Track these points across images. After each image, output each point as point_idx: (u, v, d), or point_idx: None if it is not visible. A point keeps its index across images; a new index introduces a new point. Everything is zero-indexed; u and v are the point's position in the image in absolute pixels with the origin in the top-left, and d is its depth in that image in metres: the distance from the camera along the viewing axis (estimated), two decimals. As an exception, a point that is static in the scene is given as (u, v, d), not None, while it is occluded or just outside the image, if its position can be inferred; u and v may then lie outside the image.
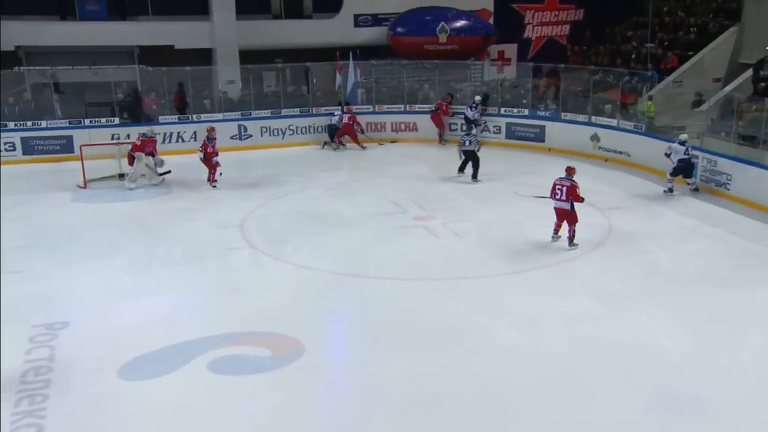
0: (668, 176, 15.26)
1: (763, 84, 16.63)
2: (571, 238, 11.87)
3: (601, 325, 9.38)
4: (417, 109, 21.48)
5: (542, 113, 20.13)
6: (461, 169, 16.70)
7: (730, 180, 14.87)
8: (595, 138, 18.55)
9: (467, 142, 16.48)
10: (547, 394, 7.71)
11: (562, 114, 19.65)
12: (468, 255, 12.04)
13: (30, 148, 18.86)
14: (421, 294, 10.39)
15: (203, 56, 22.09)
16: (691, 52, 19.91)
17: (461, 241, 12.68)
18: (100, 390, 7.85)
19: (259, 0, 23.76)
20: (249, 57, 21.62)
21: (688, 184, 15.37)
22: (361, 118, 20.90)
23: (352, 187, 16.33)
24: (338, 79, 21.37)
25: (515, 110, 20.58)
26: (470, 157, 16.55)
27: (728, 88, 17.90)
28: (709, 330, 9.15)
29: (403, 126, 21.37)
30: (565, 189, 11.69)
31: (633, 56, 21.13)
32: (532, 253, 11.86)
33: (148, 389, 7.90)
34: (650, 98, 18.15)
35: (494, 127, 20.48)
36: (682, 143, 14.96)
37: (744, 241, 12.41)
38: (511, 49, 25.95)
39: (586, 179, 16.14)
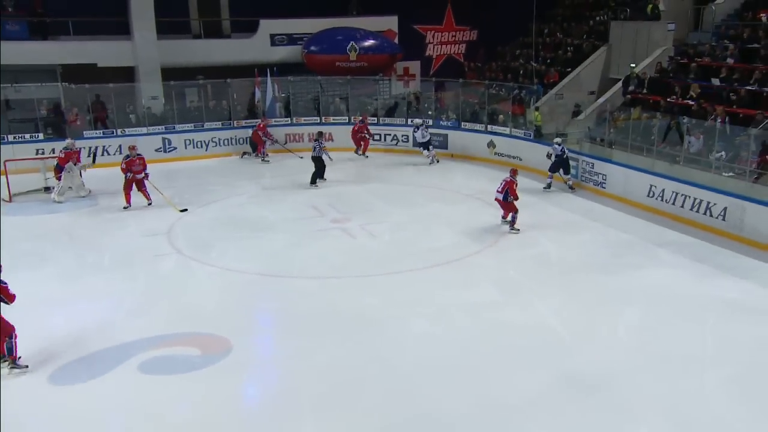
0: (549, 173, 16.09)
1: (629, 96, 17.51)
2: (512, 223, 12.73)
3: (501, 310, 9.64)
4: (332, 121, 21.45)
5: (445, 123, 20.48)
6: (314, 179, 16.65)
7: (605, 180, 15.57)
8: (491, 144, 19.02)
9: (315, 149, 16.66)
10: (456, 375, 7.86)
11: (462, 123, 20.05)
12: (382, 253, 12.12)
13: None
14: (340, 290, 10.36)
15: (126, 74, 21.28)
16: (569, 69, 20.72)
17: (376, 240, 12.74)
18: (31, 396, 7.45)
19: (179, 21, 23.11)
20: (171, 74, 20.99)
21: (566, 181, 16.07)
22: (280, 130, 20.68)
23: (274, 194, 16.12)
24: (257, 93, 21.12)
25: (429, 120, 20.83)
26: (318, 164, 16.67)
27: (601, 99, 18.72)
28: (594, 311, 9.54)
29: (319, 136, 21.26)
30: (504, 183, 12.68)
31: (521, 72, 21.80)
32: (439, 250, 12.02)
33: (78, 393, 7.56)
34: (537, 109, 18.77)
35: (402, 136, 20.68)
36: (559, 144, 15.83)
37: (619, 233, 12.99)
38: (414, 66, 26.28)
39: (484, 181, 16.68)
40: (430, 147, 19.00)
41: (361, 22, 24.34)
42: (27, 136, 18.67)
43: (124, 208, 14.57)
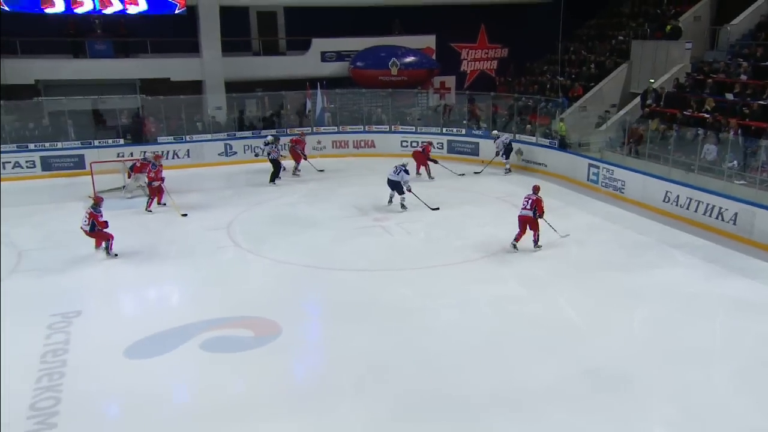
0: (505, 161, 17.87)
1: (648, 109, 17.06)
2: (535, 241, 11.70)
3: (524, 304, 9.52)
4: (374, 129, 21.49)
5: (476, 132, 20.31)
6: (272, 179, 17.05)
7: (624, 186, 15.23)
8: (519, 152, 18.78)
9: (270, 153, 16.92)
10: (480, 361, 7.81)
11: (492, 132, 19.85)
12: (417, 250, 12.10)
13: (48, 164, 18.33)
14: (377, 282, 10.39)
15: (195, 87, 21.73)
16: (592, 84, 20.29)
17: (411, 238, 12.73)
18: (109, 368, 7.69)
19: (241, 40, 23.50)
20: (233, 87, 21.38)
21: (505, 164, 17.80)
22: (327, 138, 20.85)
23: (321, 194, 16.23)
24: (308, 104, 21.28)
25: (454, 129, 20.74)
26: (274, 165, 17.02)
27: (622, 112, 18.30)
28: (610, 306, 9.35)
29: (362, 143, 21.35)
30: (531, 201, 11.52)
31: (548, 86, 21.47)
32: (469, 247, 11.93)
33: (149, 366, 7.75)
34: (562, 120, 18.45)
35: (437, 143, 20.59)
36: (499, 136, 18.13)
37: (637, 235, 12.70)
38: (450, 80, 26.14)
39: (511, 185, 16.52)
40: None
41: (403, 40, 24.32)
42: (110, 141, 19.22)
43: (163, 204, 14.78)
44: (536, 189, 11.89)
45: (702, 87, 16.31)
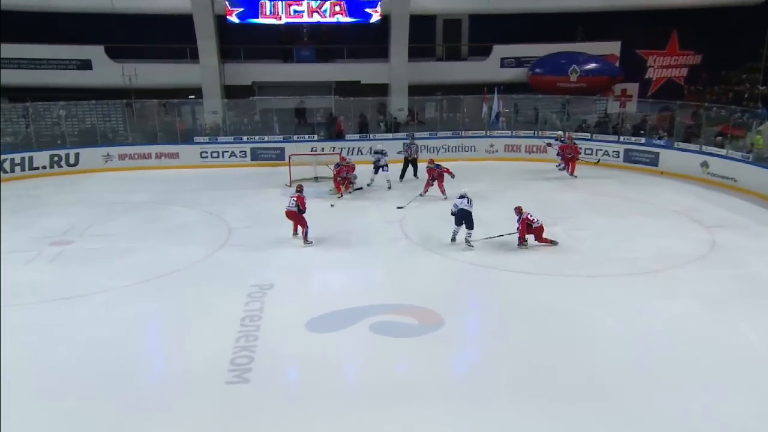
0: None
1: None
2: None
3: (699, 324, 8.57)
4: (547, 135, 20.68)
5: (657, 142, 18.62)
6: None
7: (834, 208, 12.95)
8: (704, 165, 16.88)
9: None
10: (645, 384, 7.17)
11: (676, 143, 18.07)
12: (583, 257, 11.44)
13: (256, 155, 20.38)
14: (541, 285, 10.04)
15: (381, 89, 22.69)
16: (800, 93, 17.56)
17: (578, 244, 12.07)
18: (293, 336, 8.36)
19: (427, 46, 23.98)
20: (415, 90, 21.95)
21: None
22: (500, 141, 20.53)
23: (489, 196, 16.03)
24: (484, 108, 21.10)
25: (633, 138, 19.23)
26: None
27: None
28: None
29: (534, 148, 20.67)
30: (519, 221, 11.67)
31: (745, 95, 18.97)
32: (639, 259, 11.04)
33: (326, 340, 8.29)
34: (759, 132, 16.21)
35: (613, 151, 19.23)
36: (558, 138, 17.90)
37: None
38: (633, 88, 24.28)
39: (692, 198, 14.91)
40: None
41: (585, 47, 23.08)
42: (306, 136, 20.85)
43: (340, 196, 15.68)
44: (518, 210, 11.73)
45: None
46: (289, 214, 12.17)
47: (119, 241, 12.43)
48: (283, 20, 21.23)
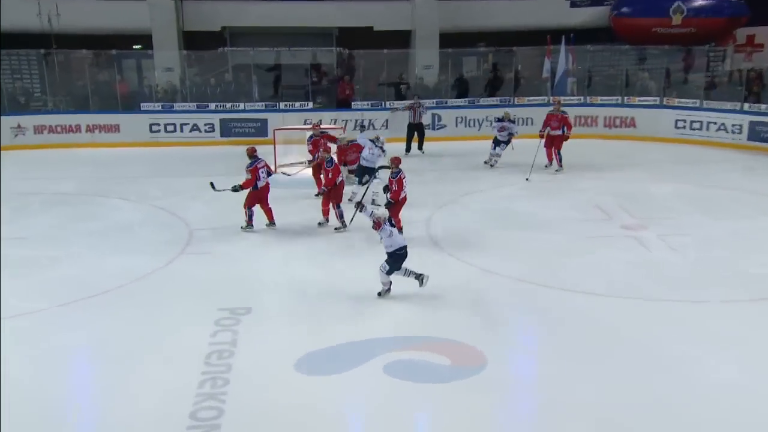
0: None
1: None
2: None
3: None
4: (637, 102, 20.67)
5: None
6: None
7: None
8: None
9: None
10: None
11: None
12: (684, 274, 11.45)
13: (227, 129, 20.68)
14: (620, 313, 10.06)
15: (401, 39, 22.79)
16: None
17: (677, 257, 12.08)
18: (276, 380, 8.42)
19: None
20: (449, 40, 22.01)
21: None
22: (569, 111, 20.47)
23: (550, 188, 16.11)
24: (547, 65, 21.14)
25: (763, 107, 19.08)
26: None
27: None
28: None
29: (618, 121, 20.70)
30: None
31: None
32: (762, 280, 11.03)
33: (322, 386, 8.34)
34: None
35: (732, 125, 19.15)
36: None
37: None
38: (764, 33, 24.05)
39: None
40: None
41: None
42: (297, 104, 21.02)
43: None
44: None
45: None
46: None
47: (36, 246, 12.69)
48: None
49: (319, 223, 13.72)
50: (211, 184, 13.35)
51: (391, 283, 10.57)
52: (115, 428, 7.69)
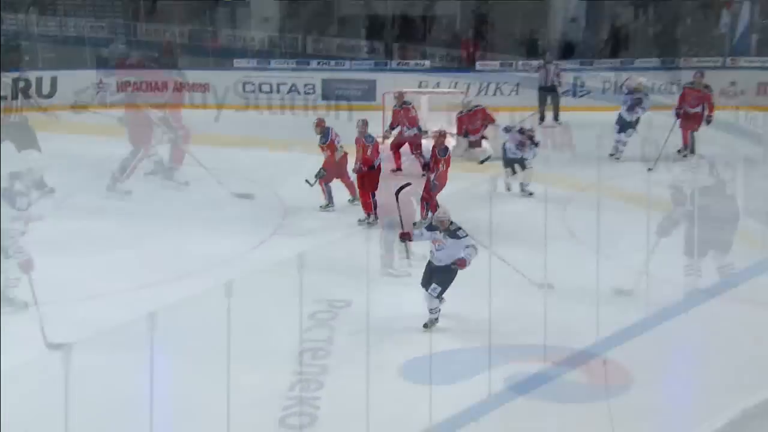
0: None
1: None
2: None
3: None
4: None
5: None
6: None
7: None
8: None
9: None
10: None
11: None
12: None
13: (329, 91, 20.76)
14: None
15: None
16: None
17: None
18: (379, 386, 8.20)
19: None
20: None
21: None
22: (747, 76, 19.55)
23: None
24: (724, 17, 20.21)
25: None
26: None
27: None
28: None
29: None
30: None
31: None
32: None
33: (429, 396, 8.19)
34: None
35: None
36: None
37: None
38: None
39: None
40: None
41: None
42: (412, 62, 20.97)
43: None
44: None
45: None
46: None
47: (117, 221, 13.26)
48: None
49: (360, 221, 13.40)
50: (308, 181, 13.65)
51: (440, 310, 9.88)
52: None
